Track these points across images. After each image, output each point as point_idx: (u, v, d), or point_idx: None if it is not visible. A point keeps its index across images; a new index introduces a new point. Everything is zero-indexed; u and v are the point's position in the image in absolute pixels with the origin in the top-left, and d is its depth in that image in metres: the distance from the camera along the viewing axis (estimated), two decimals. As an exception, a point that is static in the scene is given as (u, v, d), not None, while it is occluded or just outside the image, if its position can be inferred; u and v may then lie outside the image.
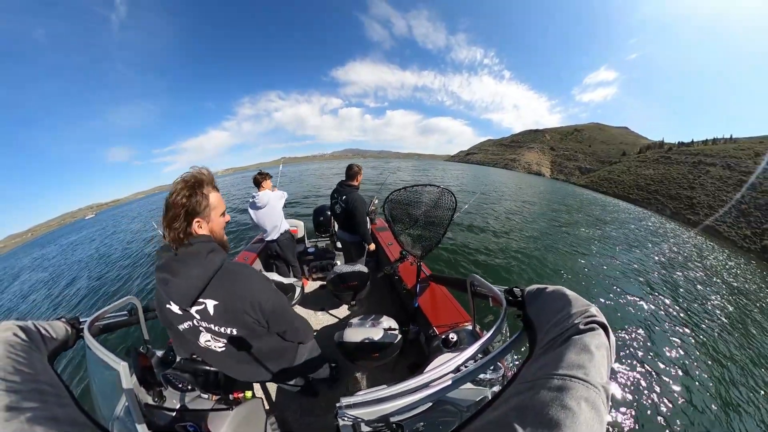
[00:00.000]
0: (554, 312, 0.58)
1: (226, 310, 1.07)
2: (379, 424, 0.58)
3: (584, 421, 0.35)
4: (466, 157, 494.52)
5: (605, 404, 0.39)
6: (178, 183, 1.03)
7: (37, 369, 0.60)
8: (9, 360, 0.57)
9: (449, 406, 0.77)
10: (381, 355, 1.92)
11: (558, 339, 0.50)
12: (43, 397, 0.53)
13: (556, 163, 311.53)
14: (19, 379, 0.54)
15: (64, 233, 41.53)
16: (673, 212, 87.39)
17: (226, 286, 1.06)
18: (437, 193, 2.11)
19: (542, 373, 0.44)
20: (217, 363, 1.23)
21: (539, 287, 0.71)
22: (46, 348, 0.73)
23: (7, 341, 0.62)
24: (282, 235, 3.40)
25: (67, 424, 0.50)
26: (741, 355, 6.00)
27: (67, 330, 0.87)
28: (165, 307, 1.09)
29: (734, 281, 13.44)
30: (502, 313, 0.78)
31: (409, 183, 2.30)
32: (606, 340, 0.48)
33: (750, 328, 8.20)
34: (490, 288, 0.93)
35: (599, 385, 0.40)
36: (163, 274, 1.02)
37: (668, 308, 7.35)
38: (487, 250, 8.50)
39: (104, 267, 11.48)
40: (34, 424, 0.46)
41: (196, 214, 1.04)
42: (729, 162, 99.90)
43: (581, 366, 0.42)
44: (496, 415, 0.43)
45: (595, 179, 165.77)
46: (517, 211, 17.23)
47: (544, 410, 0.37)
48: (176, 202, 1.00)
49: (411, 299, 2.37)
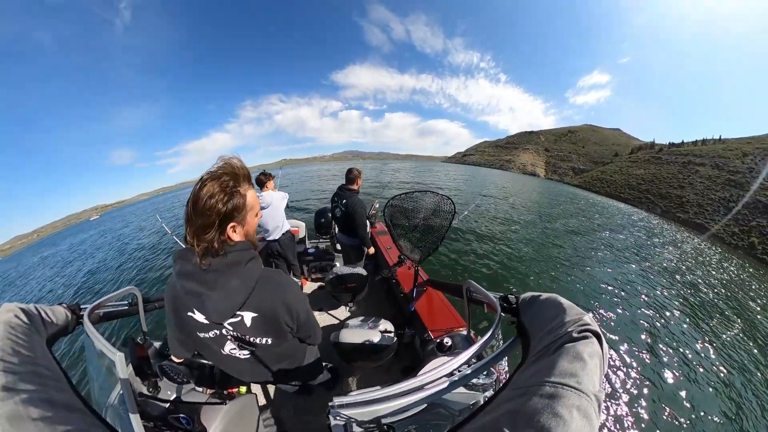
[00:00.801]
0: (548, 319, 0.57)
1: (265, 321, 0.98)
2: (370, 425, 0.57)
3: (575, 429, 0.35)
4: (462, 158, 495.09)
5: (597, 413, 0.38)
6: (211, 183, 0.82)
7: (36, 352, 0.59)
8: (8, 341, 0.57)
9: (442, 409, 0.76)
10: (376, 357, 1.91)
11: (551, 346, 0.50)
12: (40, 380, 0.52)
13: (551, 163, 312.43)
14: (17, 360, 0.53)
15: (70, 233, 41.33)
16: (663, 211, 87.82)
17: (266, 297, 0.95)
18: (436, 200, 2.11)
19: (535, 380, 0.43)
20: (233, 367, 1.16)
21: (534, 295, 0.70)
22: (46, 332, 0.72)
23: (8, 322, 0.62)
24: (283, 235, 3.39)
25: (62, 407, 0.49)
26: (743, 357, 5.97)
27: (67, 316, 0.85)
28: (186, 315, 0.95)
29: (722, 274, 13.61)
30: (496, 320, 0.77)
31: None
32: (599, 349, 0.48)
33: (732, 316, 8.26)
34: (485, 294, 0.92)
35: (591, 394, 0.39)
36: (191, 284, 0.87)
37: (667, 312, 7.29)
38: (483, 255, 8.45)
39: (111, 258, 11.61)
40: (29, 405, 0.46)
41: (233, 218, 0.86)
42: (717, 162, 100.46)
43: (574, 374, 0.41)
44: (488, 420, 0.42)
45: (588, 179, 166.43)
46: (512, 214, 17.21)
47: (535, 417, 0.36)
48: (210, 207, 0.80)
49: (408, 303, 2.36)
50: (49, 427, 0.44)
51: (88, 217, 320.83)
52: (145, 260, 10.04)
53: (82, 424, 0.48)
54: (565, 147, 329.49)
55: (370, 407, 0.55)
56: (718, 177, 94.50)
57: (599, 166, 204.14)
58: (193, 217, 0.81)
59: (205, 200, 0.80)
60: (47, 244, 37.93)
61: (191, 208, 0.82)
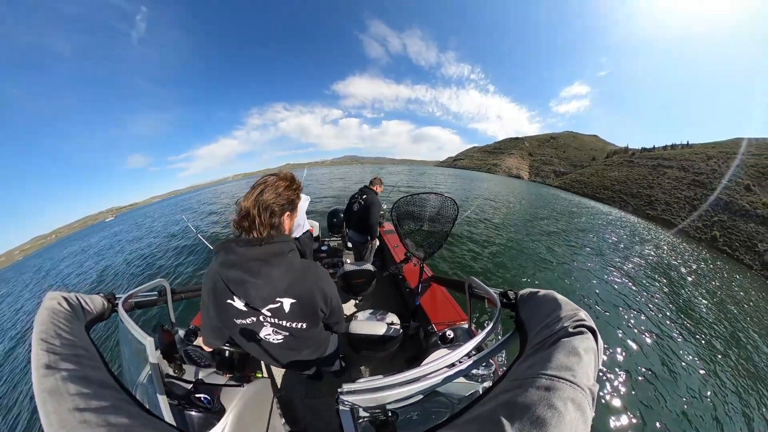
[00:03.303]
0: (545, 315, 0.56)
1: (302, 307, 1.01)
2: (376, 410, 0.57)
3: (569, 421, 0.34)
4: (453, 162, 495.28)
5: (591, 406, 0.38)
6: (282, 179, 0.96)
7: (75, 335, 0.62)
8: (51, 325, 0.60)
9: (442, 398, 0.75)
10: (383, 347, 1.91)
11: (548, 341, 0.49)
12: (79, 360, 0.54)
13: (534, 167, 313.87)
14: (58, 342, 0.56)
15: (89, 233, 40.63)
16: (634, 209, 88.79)
17: (304, 285, 0.99)
18: (441, 201, 2.12)
19: (531, 372, 0.43)
20: (264, 353, 1.16)
21: (532, 291, 0.69)
22: (85, 318, 0.75)
23: (52, 308, 0.65)
24: (303, 234, 3.42)
25: (97, 384, 0.51)
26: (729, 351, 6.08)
27: (104, 304, 0.88)
28: (225, 302, 0.98)
29: (692, 264, 13.83)
30: (496, 314, 0.77)
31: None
32: (594, 344, 0.47)
33: (699, 299, 8.50)
34: (486, 290, 0.91)
35: (586, 387, 0.39)
36: (235, 273, 0.90)
37: (648, 304, 7.32)
38: (485, 253, 8.33)
39: (142, 252, 11.48)
40: (68, 382, 0.48)
41: (292, 208, 0.98)
42: (684, 164, 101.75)
43: (569, 368, 0.41)
44: (486, 409, 0.42)
45: (568, 181, 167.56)
46: (498, 214, 17.17)
47: (531, 408, 0.36)
48: (281, 194, 0.93)
49: (413, 297, 2.35)
50: (85, 402, 0.46)
51: (104, 218, 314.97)
52: (169, 253, 10.11)
53: (114, 400, 0.50)
54: (548, 152, 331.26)
55: (376, 394, 0.55)
56: (684, 178, 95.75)
57: (578, 169, 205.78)
58: (265, 196, 0.90)
59: (280, 185, 0.94)
60: (74, 240, 37.33)
61: (264, 187, 0.93)
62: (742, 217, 62.06)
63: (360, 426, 0.55)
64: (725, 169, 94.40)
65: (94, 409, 0.45)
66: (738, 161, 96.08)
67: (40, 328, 0.58)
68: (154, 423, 0.49)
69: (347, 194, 4.47)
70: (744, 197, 70.00)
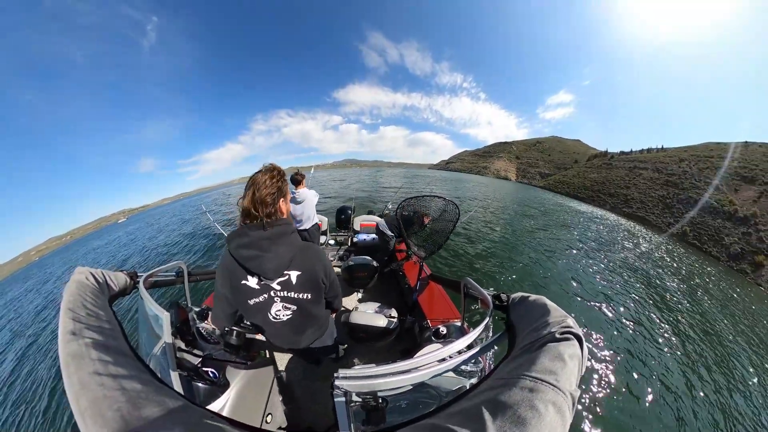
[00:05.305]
0: (534, 319, 0.56)
1: (307, 278, 1.09)
2: (367, 396, 0.58)
3: (548, 423, 0.34)
4: (446, 165, 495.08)
5: (570, 410, 0.37)
6: (269, 172, 1.04)
7: (99, 307, 0.64)
8: (78, 297, 0.63)
9: (431, 390, 0.76)
10: (380, 338, 1.92)
11: (535, 344, 0.49)
12: (101, 329, 0.57)
13: (521, 169, 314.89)
14: (83, 312, 0.59)
15: (104, 233, 40.00)
16: (611, 207, 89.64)
17: (306, 259, 1.09)
18: (443, 204, 2.12)
19: (517, 373, 0.43)
20: (273, 331, 1.18)
21: (523, 295, 0.69)
22: (109, 292, 0.78)
23: (80, 282, 0.69)
24: (312, 226, 3.50)
25: (115, 353, 0.53)
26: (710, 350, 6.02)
27: (126, 280, 0.91)
28: (240, 284, 1.04)
29: (662, 257, 14.03)
30: (488, 315, 0.77)
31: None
32: (579, 351, 0.46)
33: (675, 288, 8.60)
34: (480, 291, 0.91)
35: (567, 392, 0.39)
36: (250, 251, 0.98)
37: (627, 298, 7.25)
38: (475, 255, 8.19)
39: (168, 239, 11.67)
40: (90, 347, 0.50)
41: (283, 195, 1.06)
42: (658, 166, 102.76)
43: (553, 372, 0.41)
44: (471, 404, 0.42)
45: (552, 182, 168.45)
46: (500, 216, 16.94)
47: (513, 407, 0.36)
48: (271, 184, 1.01)
49: (411, 293, 2.35)
50: (104, 367, 0.48)
51: (116, 219, 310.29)
52: (184, 241, 10.73)
53: (130, 369, 0.51)
54: (534, 155, 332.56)
55: (369, 381, 0.55)
56: (658, 179, 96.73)
57: (561, 171, 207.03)
58: (258, 193, 0.98)
59: (266, 180, 1.01)
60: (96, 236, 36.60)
61: (255, 187, 0.99)
62: (710, 213, 62.97)
63: (351, 409, 0.56)
64: (696, 170, 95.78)
65: (112, 375, 0.47)
66: (708, 164, 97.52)
67: (69, 298, 0.61)
68: (164, 390, 0.50)
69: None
70: (712, 195, 71.11)
